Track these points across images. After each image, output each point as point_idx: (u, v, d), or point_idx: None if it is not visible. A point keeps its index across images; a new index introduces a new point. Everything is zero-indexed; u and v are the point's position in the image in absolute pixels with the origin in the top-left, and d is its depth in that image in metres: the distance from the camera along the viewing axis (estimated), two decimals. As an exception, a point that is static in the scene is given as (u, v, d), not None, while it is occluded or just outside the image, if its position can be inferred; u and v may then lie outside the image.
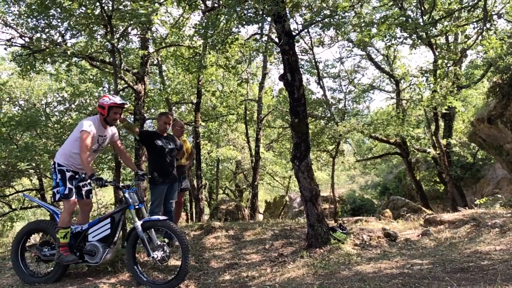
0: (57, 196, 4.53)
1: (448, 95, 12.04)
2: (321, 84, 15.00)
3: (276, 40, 5.93)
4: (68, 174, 4.54)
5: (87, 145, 4.40)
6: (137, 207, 4.52)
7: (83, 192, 4.72)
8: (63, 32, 7.40)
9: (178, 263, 4.95)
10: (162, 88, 15.61)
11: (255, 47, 8.66)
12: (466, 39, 10.84)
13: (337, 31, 9.19)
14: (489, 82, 14.19)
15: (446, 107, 12.60)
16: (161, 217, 4.52)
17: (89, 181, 4.74)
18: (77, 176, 4.65)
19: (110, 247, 4.52)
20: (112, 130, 4.89)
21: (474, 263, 3.94)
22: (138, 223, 4.39)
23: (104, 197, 15.80)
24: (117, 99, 4.65)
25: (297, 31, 6.59)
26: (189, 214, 18.54)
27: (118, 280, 4.64)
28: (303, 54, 13.92)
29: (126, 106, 4.87)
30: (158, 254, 4.37)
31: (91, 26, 6.74)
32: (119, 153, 5.24)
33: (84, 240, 4.61)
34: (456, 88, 13.07)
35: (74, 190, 4.56)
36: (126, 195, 4.50)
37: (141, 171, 5.24)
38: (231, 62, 9.60)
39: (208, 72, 12.48)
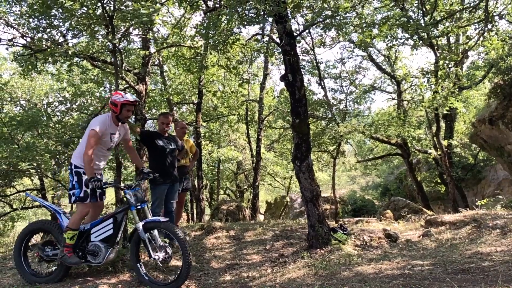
0: (73, 198, 4.51)
1: (449, 96, 12.03)
2: (322, 84, 15.00)
3: (277, 40, 5.94)
4: (84, 177, 4.46)
5: (92, 145, 4.37)
6: (139, 207, 4.50)
7: (97, 194, 4.67)
8: (64, 32, 7.41)
9: (179, 263, 4.95)
10: (163, 88, 15.63)
11: (256, 47, 8.66)
12: (468, 40, 10.82)
13: (338, 31, 9.19)
14: (491, 83, 14.17)
15: (447, 108, 12.59)
16: (162, 219, 4.49)
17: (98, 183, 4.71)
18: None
19: (112, 247, 4.51)
20: (124, 128, 4.86)
21: (475, 264, 3.94)
22: (140, 224, 4.37)
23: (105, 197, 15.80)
24: (130, 97, 4.59)
25: (298, 32, 6.60)
26: (190, 215, 18.56)
27: (118, 280, 4.64)
28: (304, 54, 13.91)
29: (138, 103, 4.84)
30: (159, 255, 4.35)
31: (93, 26, 6.74)
32: (127, 150, 5.21)
33: (86, 240, 4.59)
34: (457, 89, 13.06)
35: (89, 193, 4.51)
36: (127, 196, 4.48)
37: (147, 169, 5.21)
38: (232, 63, 9.60)
39: (209, 72, 12.52)
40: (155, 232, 4.44)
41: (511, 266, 3.65)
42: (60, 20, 7.11)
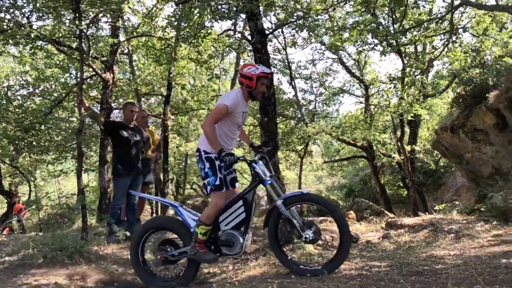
0: (208, 188, 3.96)
1: (414, 103, 12.41)
2: (293, 84, 15.14)
3: (249, 37, 5.92)
4: (217, 163, 3.93)
5: (216, 118, 3.86)
6: (270, 182, 4.00)
7: (228, 181, 4.13)
8: (28, 13, 7.08)
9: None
10: (131, 78, 15.27)
11: (228, 43, 8.61)
12: (434, 50, 11.20)
13: (310, 33, 9.28)
14: (453, 93, 14.71)
15: (412, 115, 12.98)
16: (304, 190, 3.99)
17: (233, 167, 4.20)
18: (222, 164, 4.00)
19: (247, 233, 3.99)
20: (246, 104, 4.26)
21: (429, 266, 4.06)
22: (279, 201, 3.89)
23: (65, 187, 15.30)
24: (266, 68, 4.05)
25: (270, 30, 6.61)
26: (154, 208, 18.25)
27: (74, 271, 4.49)
28: (276, 53, 13.99)
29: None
30: (309, 234, 3.89)
31: (59, 9, 6.48)
32: None
33: (213, 230, 4.03)
34: (422, 97, 13.49)
35: (224, 180, 3.96)
36: (257, 169, 3.96)
37: (256, 142, 4.61)
38: (203, 57, 9.50)
39: (179, 65, 12.32)
40: (294, 209, 3.98)
41: (462, 270, 3.78)
42: (24, 1, 6.80)
